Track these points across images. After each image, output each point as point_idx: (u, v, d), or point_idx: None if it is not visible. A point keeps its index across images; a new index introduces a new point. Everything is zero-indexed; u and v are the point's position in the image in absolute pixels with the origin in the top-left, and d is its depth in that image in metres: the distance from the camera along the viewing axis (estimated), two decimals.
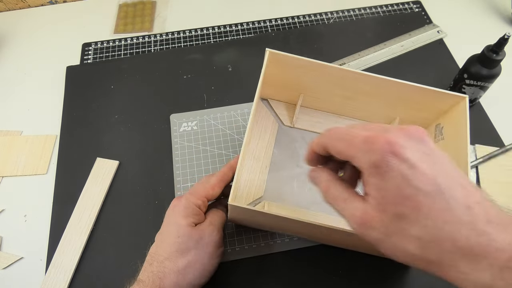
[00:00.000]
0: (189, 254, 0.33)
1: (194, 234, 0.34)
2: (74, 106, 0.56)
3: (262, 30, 0.65)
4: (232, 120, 0.53)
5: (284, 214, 0.32)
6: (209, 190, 0.37)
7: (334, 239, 0.39)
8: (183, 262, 0.33)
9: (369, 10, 0.68)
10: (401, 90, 0.42)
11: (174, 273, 0.32)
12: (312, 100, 0.49)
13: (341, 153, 0.24)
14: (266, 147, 0.48)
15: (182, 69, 0.60)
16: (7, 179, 0.50)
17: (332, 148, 0.24)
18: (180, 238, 0.34)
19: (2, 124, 0.55)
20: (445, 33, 0.64)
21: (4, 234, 0.46)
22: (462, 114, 0.40)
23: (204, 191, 0.37)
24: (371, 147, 0.21)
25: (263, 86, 0.47)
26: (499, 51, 0.46)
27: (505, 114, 0.55)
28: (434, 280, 0.42)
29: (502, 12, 0.67)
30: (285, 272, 0.43)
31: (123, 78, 0.59)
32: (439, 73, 0.59)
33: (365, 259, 0.43)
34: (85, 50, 0.63)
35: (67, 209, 0.47)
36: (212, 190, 0.37)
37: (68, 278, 0.42)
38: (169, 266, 0.33)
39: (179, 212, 0.35)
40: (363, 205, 0.22)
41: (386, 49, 0.62)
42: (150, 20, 0.67)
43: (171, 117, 0.54)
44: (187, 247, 0.34)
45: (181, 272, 0.32)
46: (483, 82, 0.49)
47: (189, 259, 0.33)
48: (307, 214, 0.44)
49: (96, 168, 0.50)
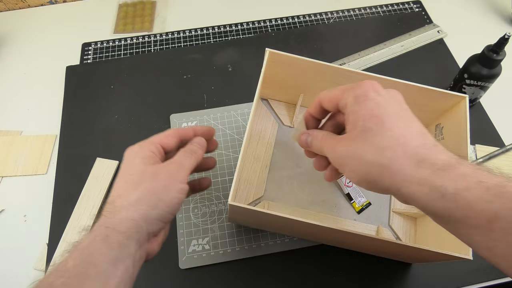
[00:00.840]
0: (142, 186, 0.30)
1: (149, 169, 0.31)
2: (74, 106, 0.56)
3: (262, 30, 0.65)
4: (232, 120, 0.53)
5: (284, 214, 0.32)
6: (163, 138, 0.34)
7: (334, 239, 0.39)
8: (136, 195, 0.30)
9: (369, 10, 0.68)
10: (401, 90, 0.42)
11: (124, 208, 0.29)
12: (312, 100, 0.49)
13: (333, 98, 0.29)
14: (266, 147, 0.48)
15: (182, 69, 0.60)
16: (7, 179, 0.50)
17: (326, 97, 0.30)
18: (133, 176, 0.31)
19: (2, 124, 0.55)
20: (445, 33, 0.64)
21: (4, 234, 0.46)
22: (462, 114, 0.40)
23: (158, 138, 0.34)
24: (358, 85, 0.27)
25: (263, 86, 0.47)
26: (499, 51, 0.46)
27: (505, 114, 0.55)
28: (434, 280, 0.42)
29: (502, 12, 0.67)
30: (285, 272, 0.43)
31: (123, 78, 0.59)
32: (439, 73, 0.59)
33: (365, 259, 0.43)
34: (85, 50, 0.63)
35: (67, 209, 0.47)
36: (166, 138, 0.35)
37: None
38: (119, 203, 0.30)
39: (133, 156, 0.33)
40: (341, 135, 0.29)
41: (386, 49, 0.62)
42: (150, 20, 0.67)
43: (171, 117, 0.54)
44: (139, 181, 0.31)
45: (132, 205, 0.29)
46: (483, 82, 0.49)
47: (141, 191, 0.30)
48: (307, 214, 0.44)
49: (96, 168, 0.50)
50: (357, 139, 0.26)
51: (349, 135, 0.27)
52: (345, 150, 0.27)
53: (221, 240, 0.44)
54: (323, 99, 0.30)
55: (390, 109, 0.26)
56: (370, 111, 0.26)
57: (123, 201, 0.30)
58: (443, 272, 0.43)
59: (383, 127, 0.25)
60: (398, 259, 0.43)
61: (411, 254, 0.37)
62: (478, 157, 0.50)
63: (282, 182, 0.46)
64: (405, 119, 0.26)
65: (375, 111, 0.26)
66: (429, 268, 0.43)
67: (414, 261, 0.43)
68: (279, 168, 0.47)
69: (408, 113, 0.27)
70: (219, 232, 0.45)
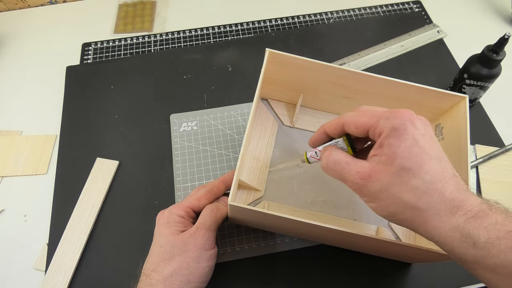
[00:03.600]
0: (174, 261, 0.33)
1: (177, 241, 0.34)
2: (74, 106, 0.56)
3: (262, 30, 0.65)
4: (232, 120, 0.53)
5: (284, 214, 0.32)
6: (195, 201, 0.38)
7: (334, 239, 0.39)
8: (169, 270, 0.33)
9: (369, 10, 0.68)
10: (401, 90, 0.42)
11: (161, 282, 0.32)
12: (312, 100, 0.49)
13: (363, 125, 0.28)
14: (266, 147, 0.48)
15: (182, 69, 0.60)
16: (7, 179, 0.50)
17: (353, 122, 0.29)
18: (163, 248, 0.34)
19: (2, 124, 0.55)
20: (445, 33, 0.64)
21: (4, 234, 0.46)
22: (462, 114, 0.40)
23: (189, 202, 0.38)
24: (394, 115, 0.27)
25: (263, 86, 0.47)
26: (499, 51, 0.46)
27: (505, 114, 0.55)
28: (434, 280, 0.42)
29: (502, 12, 0.67)
30: (285, 272, 0.43)
31: (123, 78, 0.59)
32: (439, 73, 0.59)
33: (365, 259, 0.43)
34: (85, 50, 0.63)
35: (67, 209, 0.47)
36: (198, 201, 0.38)
37: (68, 278, 0.42)
38: (155, 277, 0.33)
39: (162, 224, 0.36)
40: (370, 163, 0.27)
41: (386, 49, 0.62)
42: (150, 20, 0.67)
43: (171, 117, 0.54)
44: (171, 255, 0.34)
45: (168, 280, 0.32)
46: (483, 82, 0.49)
47: (174, 266, 0.33)
48: (307, 214, 0.44)
49: (96, 168, 0.50)
50: (394, 177, 0.25)
51: (385, 169, 0.26)
52: (379, 185, 0.26)
53: (221, 240, 0.44)
54: (349, 123, 0.30)
55: (427, 148, 0.26)
56: (408, 149, 0.25)
57: (159, 275, 0.33)
58: (443, 272, 0.43)
59: (422, 169, 0.25)
60: (398, 259, 0.43)
61: (411, 254, 0.37)
62: (478, 157, 0.50)
63: (282, 182, 0.46)
64: (439, 159, 0.26)
65: (414, 149, 0.25)
66: (429, 268, 0.43)
67: (414, 261, 0.43)
68: (279, 168, 0.47)
69: (440, 151, 0.27)
70: (219, 232, 0.45)
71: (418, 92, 0.41)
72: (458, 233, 0.24)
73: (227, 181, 0.40)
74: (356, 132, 0.29)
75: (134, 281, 0.35)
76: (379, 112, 0.28)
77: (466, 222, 0.24)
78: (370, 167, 0.27)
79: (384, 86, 0.42)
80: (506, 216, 0.23)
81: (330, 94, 0.47)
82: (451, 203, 0.24)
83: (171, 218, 0.36)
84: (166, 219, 0.36)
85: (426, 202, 0.25)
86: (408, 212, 0.25)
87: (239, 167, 0.35)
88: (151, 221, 0.46)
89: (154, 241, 0.36)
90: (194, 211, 0.38)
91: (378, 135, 0.27)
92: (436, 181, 0.25)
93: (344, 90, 0.45)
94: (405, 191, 0.25)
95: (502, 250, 0.22)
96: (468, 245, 0.23)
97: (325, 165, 0.30)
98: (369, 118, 0.28)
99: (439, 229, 0.24)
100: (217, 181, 0.40)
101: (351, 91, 0.45)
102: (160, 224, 0.36)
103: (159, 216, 0.37)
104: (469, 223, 0.23)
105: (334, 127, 0.31)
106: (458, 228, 0.24)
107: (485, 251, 0.23)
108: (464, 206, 0.24)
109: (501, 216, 0.23)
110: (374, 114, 0.28)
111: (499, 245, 0.22)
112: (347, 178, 0.28)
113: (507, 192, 0.48)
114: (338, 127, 0.31)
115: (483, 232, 0.23)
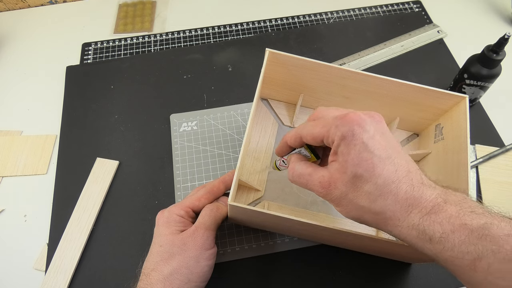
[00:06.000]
0: (174, 260, 0.33)
1: (177, 240, 0.35)
2: (74, 106, 0.56)
3: (262, 30, 0.65)
4: (232, 120, 0.53)
5: (284, 214, 0.32)
6: (194, 201, 0.38)
7: (334, 239, 0.39)
8: (168, 269, 0.33)
9: (369, 10, 0.68)
10: (401, 90, 0.42)
11: (160, 282, 0.32)
12: (312, 100, 0.49)
13: (318, 136, 0.29)
14: (266, 147, 0.48)
15: (182, 69, 0.60)
16: (7, 179, 0.50)
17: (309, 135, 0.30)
18: (163, 247, 0.34)
19: (2, 124, 0.55)
20: (445, 33, 0.64)
21: (4, 234, 0.46)
22: (462, 114, 0.40)
23: (189, 202, 0.38)
24: (342, 122, 0.26)
25: (263, 86, 0.47)
26: (499, 51, 0.46)
27: (505, 114, 0.55)
28: (434, 280, 0.42)
29: (502, 12, 0.67)
30: (285, 272, 0.43)
31: (123, 78, 0.59)
32: (439, 73, 0.59)
33: (365, 259, 0.43)
34: (85, 50, 0.63)
35: (67, 209, 0.47)
36: (197, 201, 0.38)
37: (68, 278, 0.42)
38: (155, 276, 0.33)
39: (162, 224, 0.36)
40: (328, 172, 0.28)
41: (386, 49, 0.62)
42: (150, 20, 0.67)
43: (171, 117, 0.54)
44: (170, 254, 0.34)
45: (167, 279, 0.32)
46: (483, 82, 0.49)
47: (173, 266, 0.33)
48: (307, 214, 0.44)
49: (96, 168, 0.50)
50: (349, 184, 0.26)
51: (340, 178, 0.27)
52: (339, 192, 0.27)
53: (221, 240, 0.44)
54: (305, 136, 0.30)
55: (377, 149, 0.26)
56: (358, 155, 0.26)
57: (158, 275, 0.33)
58: (443, 272, 0.43)
59: (373, 173, 0.25)
60: (398, 259, 0.43)
61: (411, 254, 0.37)
62: (478, 157, 0.50)
63: (282, 182, 0.46)
64: (391, 158, 0.26)
65: (363, 154, 0.25)
66: (429, 268, 0.43)
67: (414, 261, 0.43)
68: None
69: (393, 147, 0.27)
70: (219, 232, 0.45)
71: (418, 92, 0.41)
72: (415, 231, 0.25)
73: (227, 181, 0.40)
74: (314, 143, 0.30)
75: (134, 280, 0.35)
76: (329, 120, 0.28)
77: (421, 219, 0.24)
78: (329, 176, 0.28)
79: (384, 86, 0.42)
80: (461, 207, 0.24)
81: (330, 94, 0.47)
82: (405, 203, 0.25)
83: (171, 218, 0.36)
84: (166, 219, 0.36)
85: (381, 205, 0.25)
86: (368, 215, 0.26)
87: (239, 167, 0.35)
88: (151, 221, 0.46)
89: (153, 241, 0.36)
90: (194, 211, 0.38)
91: (332, 143, 0.28)
92: (389, 183, 0.25)
93: (344, 90, 0.45)
94: (360, 197, 0.26)
95: (456, 243, 0.23)
96: (425, 241, 0.24)
97: (292, 178, 0.31)
98: (321, 128, 0.28)
99: (398, 228, 0.25)
100: (217, 181, 0.40)
101: (351, 91, 0.45)
102: (159, 223, 0.36)
103: (159, 215, 0.37)
104: (424, 220, 0.24)
105: (293, 140, 0.32)
106: (414, 226, 0.25)
107: (440, 245, 0.23)
108: (419, 204, 0.25)
109: (455, 208, 0.24)
110: (325, 123, 0.28)
111: (453, 239, 0.23)
112: (312, 188, 0.29)
113: (507, 192, 0.48)
114: (298, 139, 0.31)
115: (438, 227, 0.24)
